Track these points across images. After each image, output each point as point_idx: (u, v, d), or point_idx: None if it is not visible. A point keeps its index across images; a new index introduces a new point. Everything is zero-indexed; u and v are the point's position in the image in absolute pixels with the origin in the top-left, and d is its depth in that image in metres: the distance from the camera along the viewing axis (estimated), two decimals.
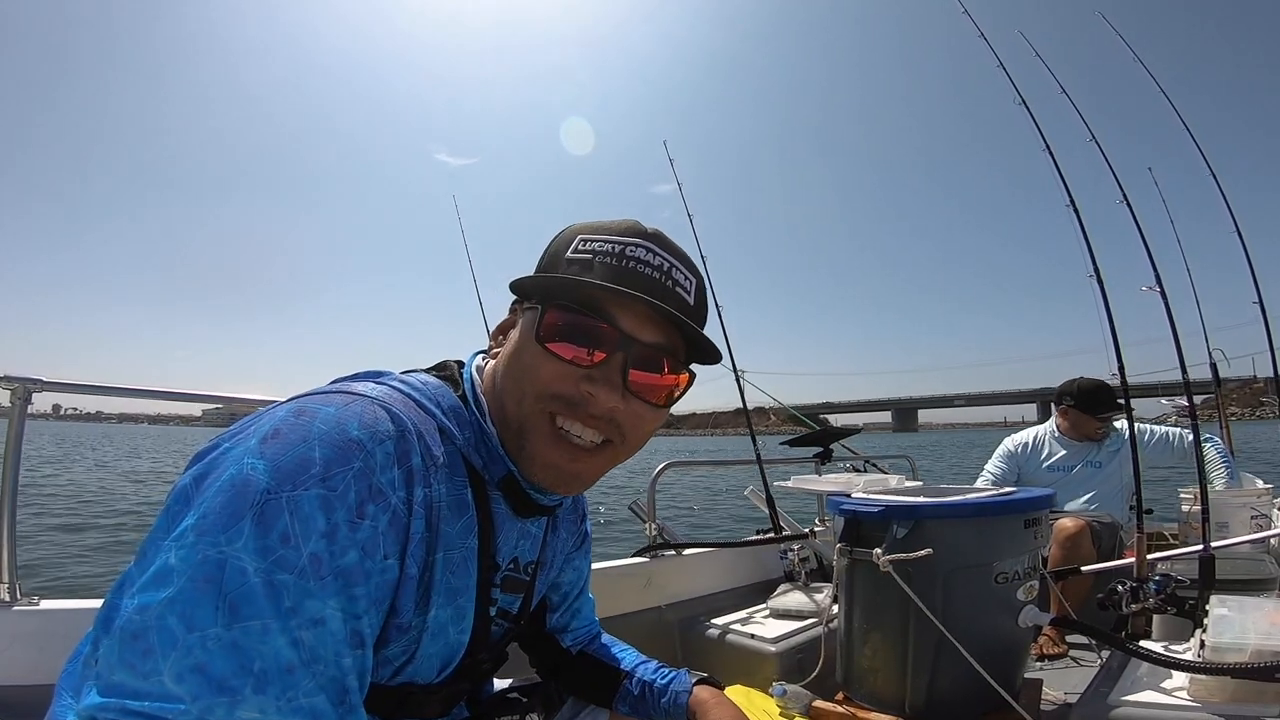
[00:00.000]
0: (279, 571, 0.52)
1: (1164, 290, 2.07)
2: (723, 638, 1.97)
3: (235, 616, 0.50)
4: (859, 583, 1.53)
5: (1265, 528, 2.36)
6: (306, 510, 0.53)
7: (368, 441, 0.58)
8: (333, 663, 0.54)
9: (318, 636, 0.53)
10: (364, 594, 0.56)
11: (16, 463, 1.33)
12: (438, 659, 0.70)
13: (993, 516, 1.46)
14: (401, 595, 0.62)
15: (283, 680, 0.50)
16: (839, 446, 2.98)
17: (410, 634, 0.65)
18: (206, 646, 0.49)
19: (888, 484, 2.11)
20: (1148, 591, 1.74)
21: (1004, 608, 1.46)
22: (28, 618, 1.26)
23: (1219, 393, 3.63)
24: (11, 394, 1.35)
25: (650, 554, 2.24)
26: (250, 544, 0.51)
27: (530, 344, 0.67)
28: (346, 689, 0.55)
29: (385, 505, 0.58)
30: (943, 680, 1.42)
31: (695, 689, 0.92)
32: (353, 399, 0.61)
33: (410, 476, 0.61)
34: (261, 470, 0.54)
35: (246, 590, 0.50)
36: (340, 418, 0.58)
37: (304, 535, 0.53)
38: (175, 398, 1.77)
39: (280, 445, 0.55)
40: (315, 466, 0.55)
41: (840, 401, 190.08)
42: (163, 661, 0.49)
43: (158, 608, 0.50)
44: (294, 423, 0.57)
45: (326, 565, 0.54)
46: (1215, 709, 1.25)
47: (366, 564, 0.56)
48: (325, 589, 0.53)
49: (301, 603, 0.52)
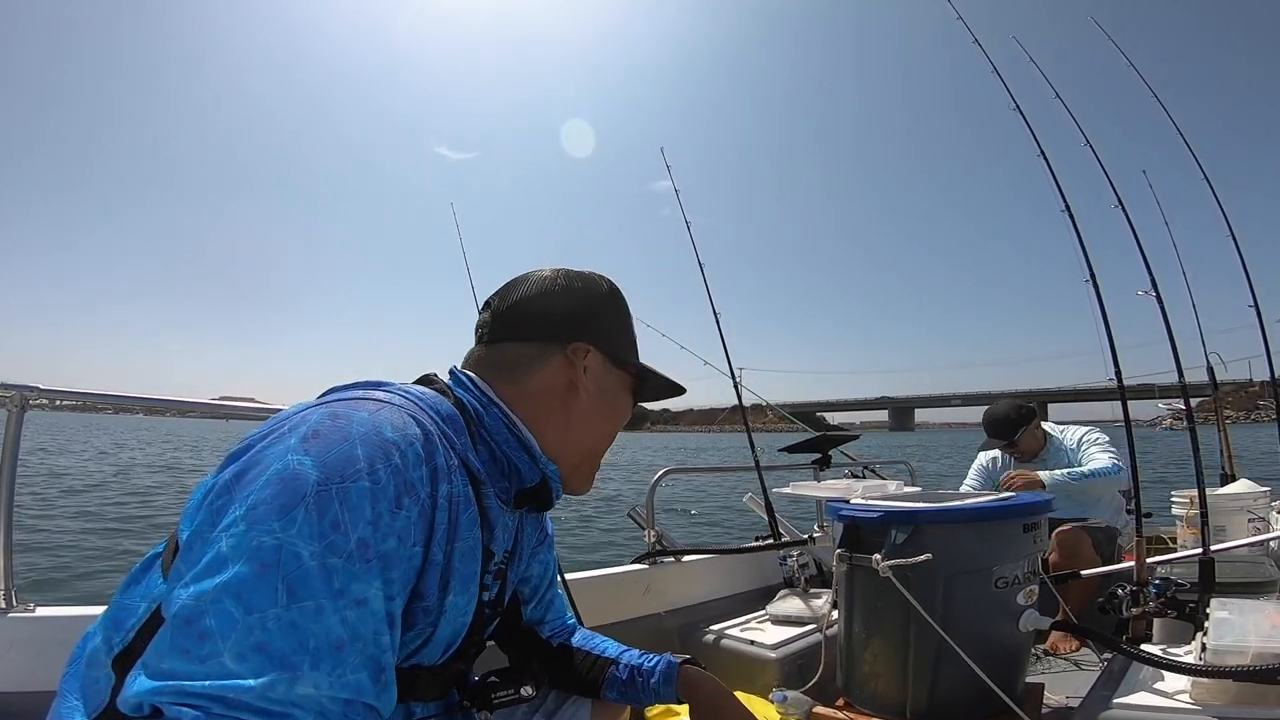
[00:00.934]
0: (331, 555, 0.56)
1: (1160, 295, 2.08)
2: (723, 644, 1.96)
3: (293, 597, 0.54)
4: (859, 588, 1.53)
5: (1263, 530, 2.36)
6: (355, 500, 0.59)
7: (400, 442, 0.64)
8: (372, 641, 0.58)
9: (360, 616, 0.57)
10: (398, 577, 0.62)
11: (13, 470, 1.32)
12: (444, 641, 0.75)
13: (992, 521, 1.46)
14: (427, 580, 0.67)
15: (334, 657, 0.55)
16: (838, 452, 2.98)
17: (431, 616, 0.70)
18: (267, 626, 0.53)
19: (886, 489, 2.11)
20: (1148, 595, 1.74)
21: (1004, 612, 1.45)
22: (24, 624, 1.25)
23: (1216, 396, 3.65)
24: (8, 402, 1.35)
25: (650, 560, 2.24)
26: (305, 530, 0.56)
27: (629, 405, 0.91)
28: (383, 666, 0.59)
29: (416, 499, 0.64)
30: (944, 685, 1.42)
31: (683, 668, 0.97)
32: (381, 405, 0.68)
33: (435, 474, 0.67)
34: (310, 465, 0.59)
35: (302, 572, 0.55)
36: (375, 421, 0.65)
37: (353, 523, 0.58)
38: (169, 405, 1.77)
39: (324, 444, 0.61)
40: (360, 463, 0.60)
41: (837, 400, 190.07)
42: (222, 643, 0.52)
43: (214, 592, 0.53)
44: (332, 425, 0.63)
45: (372, 549, 0.59)
46: (1217, 712, 1.25)
47: (401, 550, 0.62)
48: (370, 571, 0.58)
49: (349, 585, 0.57)
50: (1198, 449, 2.02)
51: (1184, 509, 2.53)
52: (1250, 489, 2.60)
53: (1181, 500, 2.55)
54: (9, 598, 1.28)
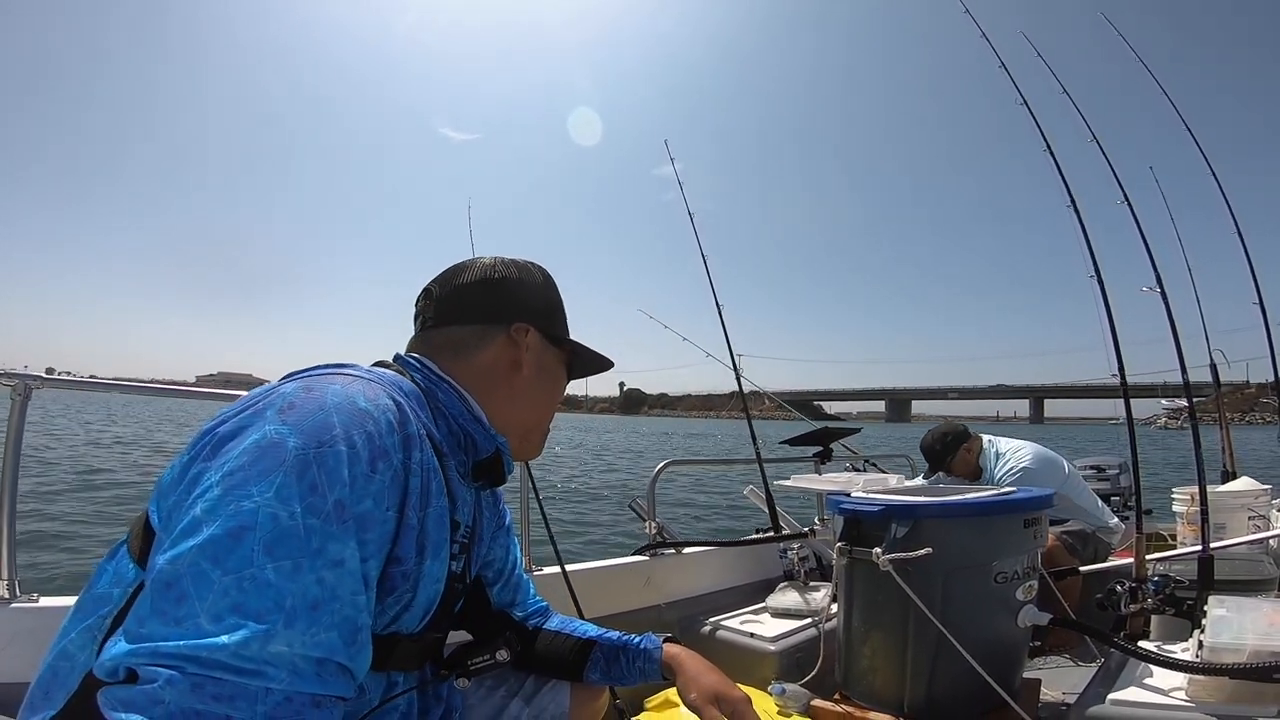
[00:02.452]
0: (309, 516, 0.58)
1: (1164, 291, 2.07)
2: (722, 636, 1.97)
3: (270, 556, 0.55)
4: (858, 582, 1.53)
5: (1263, 528, 2.36)
6: (332, 464, 0.61)
7: (373, 410, 0.67)
8: (348, 601, 0.60)
9: (338, 576, 0.59)
10: (373, 539, 0.64)
11: (16, 460, 1.32)
12: (421, 608, 0.77)
13: (992, 516, 1.47)
14: (404, 543, 0.69)
15: (309, 616, 0.56)
16: (839, 445, 2.98)
17: (409, 581, 0.72)
18: (242, 586, 0.54)
19: (887, 483, 2.12)
20: (1146, 592, 1.75)
21: (1003, 607, 1.46)
22: (27, 615, 1.26)
23: (1219, 395, 3.63)
24: (11, 391, 1.35)
25: (650, 552, 2.24)
26: (283, 492, 0.58)
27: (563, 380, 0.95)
28: (359, 626, 0.61)
29: (389, 464, 0.66)
30: (941, 679, 1.42)
31: (666, 645, 1.00)
32: (351, 379, 0.70)
33: (408, 441, 0.69)
34: (288, 433, 0.61)
35: (279, 532, 0.56)
36: (347, 392, 0.67)
37: (330, 485, 0.60)
38: (170, 393, 1.77)
39: (300, 413, 0.63)
40: (336, 429, 0.63)
41: (835, 389, 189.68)
42: (199, 604, 0.53)
43: (190, 554, 0.54)
44: (306, 396, 0.65)
45: (348, 511, 0.61)
46: (1213, 709, 1.25)
47: (375, 512, 0.64)
48: (346, 532, 0.60)
49: (326, 545, 0.58)
50: (1199, 446, 2.02)
51: (1184, 506, 2.52)
52: (1251, 486, 2.60)
53: (1182, 497, 2.55)
54: (12, 588, 1.29)
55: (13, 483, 1.31)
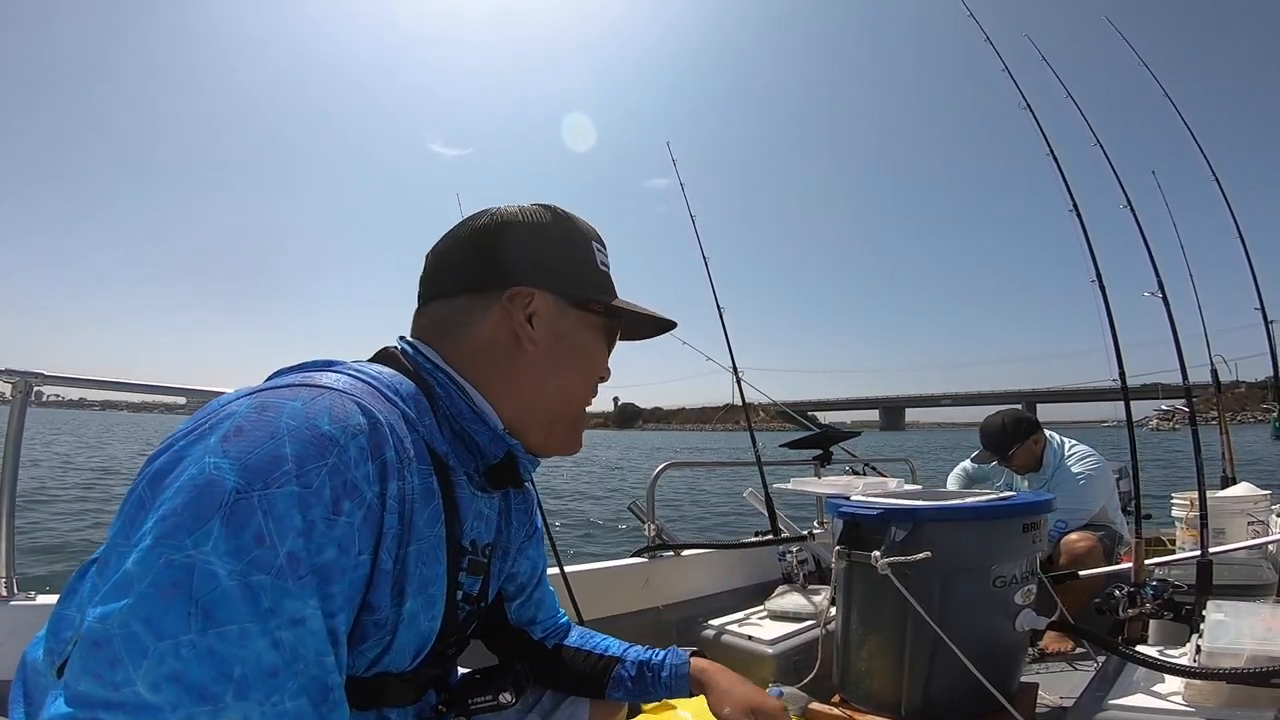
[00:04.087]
0: (255, 572, 0.50)
1: (1166, 297, 2.07)
2: (720, 639, 1.97)
3: (210, 621, 0.48)
4: (857, 585, 1.53)
5: (1262, 533, 2.36)
6: (281, 509, 0.52)
7: (340, 436, 0.56)
8: (314, 661, 0.52)
9: (299, 636, 0.51)
10: (340, 591, 0.56)
11: (16, 457, 1.33)
12: (411, 648, 0.70)
13: (991, 520, 1.46)
14: (377, 591, 0.61)
15: (266, 684, 0.49)
16: (838, 449, 2.98)
17: (386, 628, 0.64)
18: (180, 654, 0.47)
19: (887, 486, 2.12)
20: (1145, 596, 1.75)
21: (1001, 611, 1.46)
22: (24, 613, 1.26)
23: (1220, 398, 3.64)
24: (12, 387, 1.35)
25: (649, 554, 2.24)
26: (220, 545, 0.49)
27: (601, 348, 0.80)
28: (329, 686, 0.54)
29: (360, 501, 0.57)
30: (939, 683, 1.42)
31: (693, 660, 0.96)
32: (319, 392, 0.59)
33: (384, 470, 0.59)
34: (228, 469, 0.52)
35: (219, 594, 0.49)
36: (308, 412, 0.56)
37: (280, 534, 0.51)
38: (175, 392, 1.76)
39: (246, 443, 0.53)
40: (287, 463, 0.53)
41: (829, 399, 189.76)
42: (134, 671, 0.47)
43: (120, 615, 0.48)
44: (257, 419, 0.55)
45: (305, 564, 0.52)
46: (1210, 714, 1.25)
47: (342, 561, 0.55)
48: (304, 588, 0.52)
49: (280, 603, 0.51)
50: (1199, 451, 2.01)
51: (1184, 511, 2.52)
52: (1251, 492, 2.60)
53: (1181, 502, 2.55)
54: (10, 586, 1.29)
55: (12, 480, 1.32)
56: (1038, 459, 2.81)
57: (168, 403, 1.83)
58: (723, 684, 0.94)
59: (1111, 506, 2.76)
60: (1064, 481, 2.70)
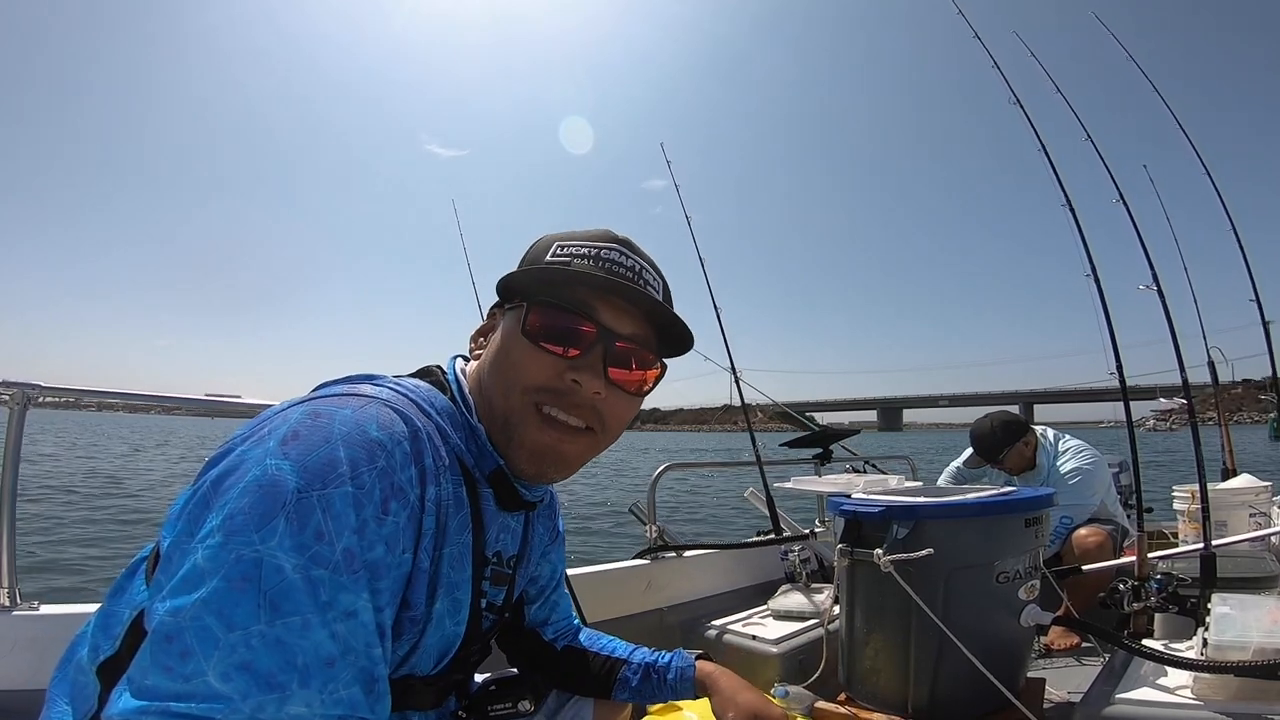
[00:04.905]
0: (315, 567, 0.53)
1: (1161, 288, 2.07)
2: (724, 639, 1.96)
3: (277, 613, 0.51)
4: (860, 583, 1.53)
5: (1264, 525, 2.36)
6: (339, 507, 0.55)
7: (387, 442, 0.60)
8: (364, 653, 0.55)
9: (350, 629, 0.54)
10: (387, 587, 0.59)
11: (16, 467, 1.32)
12: (435, 650, 0.72)
13: (994, 516, 1.46)
14: (415, 588, 0.65)
15: (324, 673, 0.52)
16: (839, 448, 2.98)
17: (418, 626, 0.68)
18: (250, 644, 0.50)
19: (888, 484, 2.12)
20: (1149, 590, 1.75)
21: (1006, 607, 1.46)
22: (27, 623, 1.25)
23: (1218, 393, 3.65)
24: (10, 399, 1.35)
25: (651, 556, 2.24)
26: (286, 541, 0.52)
27: (517, 341, 0.72)
28: (376, 678, 0.57)
29: (405, 502, 0.61)
30: (945, 680, 1.42)
31: (698, 663, 0.97)
32: (366, 401, 0.63)
33: (424, 475, 0.63)
34: (289, 470, 0.55)
35: (285, 586, 0.52)
36: (358, 419, 0.60)
37: (337, 532, 0.55)
38: (178, 403, 1.75)
39: (303, 446, 0.57)
40: (343, 466, 0.57)
41: (827, 400, 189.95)
42: (205, 662, 0.49)
43: (192, 608, 0.50)
44: (312, 425, 0.59)
45: (358, 559, 0.56)
46: (1218, 707, 1.25)
47: (389, 558, 0.59)
48: (357, 582, 0.55)
49: (336, 596, 0.54)
50: (1199, 443, 2.02)
51: (1185, 504, 2.53)
52: (1251, 484, 2.60)
53: (1183, 495, 2.55)
54: (13, 596, 1.28)
55: (12, 491, 1.31)
56: (1030, 460, 2.81)
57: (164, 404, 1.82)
58: (727, 689, 0.94)
59: (1110, 500, 2.76)
60: (1060, 479, 2.70)
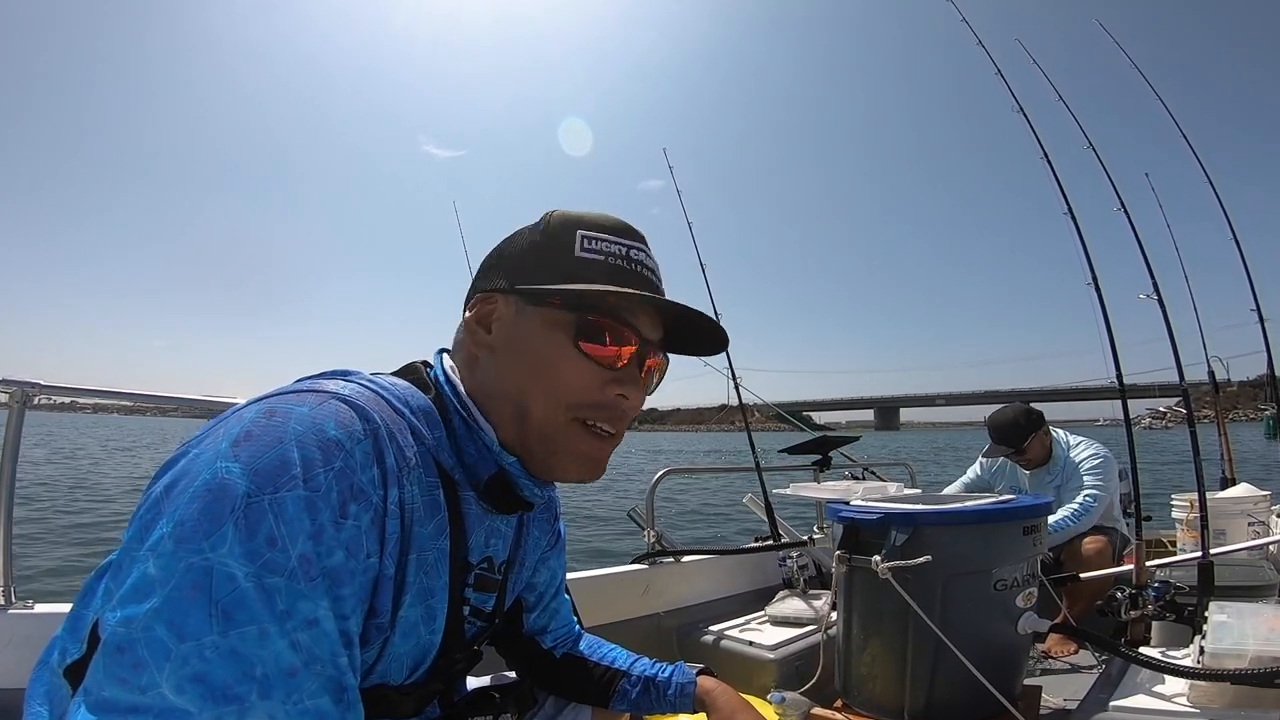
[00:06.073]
0: (269, 575, 0.51)
1: (1161, 298, 2.08)
2: (722, 645, 1.96)
3: (230, 623, 0.49)
4: (858, 590, 1.53)
5: (1263, 534, 2.36)
6: (291, 512, 0.52)
7: (346, 441, 0.57)
8: (330, 662, 0.53)
9: (314, 637, 0.52)
10: (350, 594, 0.56)
11: (14, 466, 1.32)
12: (408, 659, 0.69)
13: (992, 523, 1.46)
14: (380, 594, 0.62)
15: (286, 684, 0.50)
16: (838, 454, 2.98)
17: (384, 634, 0.65)
18: (204, 655, 0.48)
19: (886, 491, 2.11)
20: (1147, 598, 1.74)
21: (1003, 614, 1.45)
22: (22, 621, 1.25)
23: (1219, 401, 3.65)
24: (10, 397, 1.35)
25: (649, 561, 2.23)
26: (236, 549, 0.50)
27: (564, 351, 0.68)
28: (345, 687, 0.54)
29: (367, 504, 0.58)
30: (942, 687, 1.42)
31: (699, 679, 0.95)
32: (324, 398, 0.60)
33: (385, 476, 0.60)
34: (238, 474, 0.52)
35: (238, 595, 0.49)
36: (315, 417, 0.57)
37: (290, 537, 0.52)
38: (177, 402, 1.75)
39: (255, 447, 0.54)
40: (295, 467, 0.54)
41: (824, 400, 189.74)
42: (158, 674, 0.47)
43: (143, 619, 0.48)
44: (266, 424, 0.56)
45: (315, 566, 0.53)
46: (1215, 715, 1.25)
47: (351, 564, 0.56)
48: (316, 590, 0.53)
49: (294, 605, 0.51)
50: (1198, 453, 2.01)
51: (1184, 512, 2.52)
52: (1250, 493, 2.60)
53: (1181, 503, 2.55)
54: (8, 594, 1.28)
55: (10, 489, 1.31)
56: (1049, 451, 2.82)
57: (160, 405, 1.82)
58: (725, 708, 0.93)
59: (1114, 507, 2.76)
60: (1076, 473, 2.71)
